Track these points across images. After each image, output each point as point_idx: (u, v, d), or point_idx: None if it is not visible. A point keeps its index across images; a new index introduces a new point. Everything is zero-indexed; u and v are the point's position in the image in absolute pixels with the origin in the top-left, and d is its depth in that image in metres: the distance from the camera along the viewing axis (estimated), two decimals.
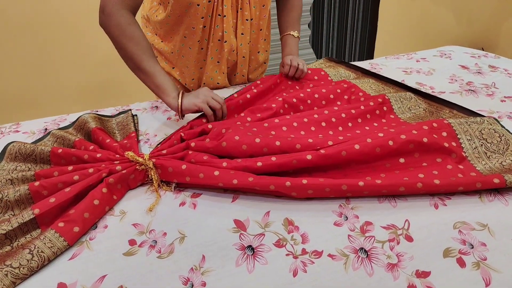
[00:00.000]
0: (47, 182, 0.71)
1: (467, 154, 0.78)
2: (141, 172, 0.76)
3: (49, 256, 0.60)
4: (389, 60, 1.41)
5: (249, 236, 0.63)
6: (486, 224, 0.63)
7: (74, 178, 0.72)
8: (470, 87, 1.12)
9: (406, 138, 0.76)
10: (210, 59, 1.15)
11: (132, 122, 0.97)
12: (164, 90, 0.93)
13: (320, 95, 1.02)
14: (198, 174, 0.72)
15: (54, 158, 0.82)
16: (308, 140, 0.79)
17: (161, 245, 0.63)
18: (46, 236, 0.61)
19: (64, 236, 0.62)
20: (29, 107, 2.19)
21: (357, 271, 0.57)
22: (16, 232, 0.64)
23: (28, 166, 0.83)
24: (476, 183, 0.68)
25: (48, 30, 2.04)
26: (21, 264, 0.57)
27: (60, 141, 0.90)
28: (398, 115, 0.96)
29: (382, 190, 0.68)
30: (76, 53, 2.15)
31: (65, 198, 0.68)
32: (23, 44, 2.03)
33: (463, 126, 0.82)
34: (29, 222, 0.65)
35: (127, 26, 0.90)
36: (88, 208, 0.67)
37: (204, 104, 0.90)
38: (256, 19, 1.14)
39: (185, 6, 1.02)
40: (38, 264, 0.59)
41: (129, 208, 0.72)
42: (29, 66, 2.10)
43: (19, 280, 0.57)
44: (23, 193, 0.70)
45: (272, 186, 0.68)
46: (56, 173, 0.75)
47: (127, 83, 2.26)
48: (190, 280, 0.57)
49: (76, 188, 0.69)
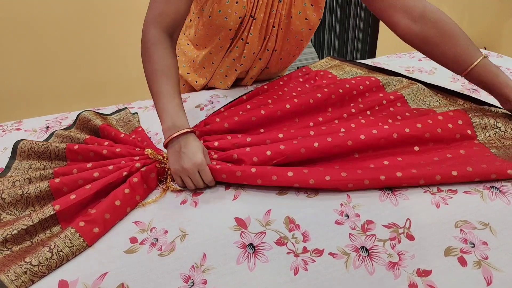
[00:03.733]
0: (67, 179, 0.71)
1: (481, 142, 0.81)
2: (161, 170, 0.76)
3: (67, 255, 0.60)
4: (391, 59, 1.41)
5: (250, 234, 0.63)
6: (488, 223, 0.63)
7: (94, 175, 0.72)
8: (472, 86, 1.12)
9: (421, 127, 0.79)
10: (219, 71, 1.16)
11: (134, 118, 0.97)
12: (162, 119, 0.78)
13: (344, 91, 1.01)
14: (221, 175, 0.72)
15: (70, 154, 0.82)
16: (322, 128, 0.83)
17: (162, 243, 0.63)
18: (66, 235, 0.61)
19: (84, 237, 0.62)
20: (31, 106, 2.19)
21: (358, 270, 0.57)
22: (36, 227, 0.64)
23: (43, 164, 0.82)
24: (491, 174, 0.70)
25: (50, 28, 2.05)
26: (40, 262, 0.58)
27: (67, 140, 0.90)
28: (412, 107, 0.97)
29: (403, 183, 0.70)
30: (77, 51, 2.15)
31: (85, 195, 0.68)
32: (25, 43, 2.03)
33: (479, 113, 0.84)
34: (50, 218, 0.65)
35: (150, 45, 0.84)
36: (109, 208, 0.66)
37: (176, 177, 0.74)
38: (279, 50, 1.12)
39: (216, 28, 1.03)
40: (56, 263, 0.59)
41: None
42: (30, 64, 2.10)
43: (37, 278, 0.57)
44: (43, 190, 0.70)
45: (296, 184, 0.70)
46: (75, 170, 0.75)
47: (128, 82, 2.27)
48: (191, 278, 0.57)
49: (97, 186, 0.69)
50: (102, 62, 2.20)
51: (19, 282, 0.55)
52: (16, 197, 0.69)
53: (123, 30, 2.14)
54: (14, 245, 0.62)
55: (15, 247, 0.62)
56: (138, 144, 0.82)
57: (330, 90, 0.98)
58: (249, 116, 0.88)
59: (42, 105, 2.21)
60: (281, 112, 0.91)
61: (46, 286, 0.56)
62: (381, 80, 1.06)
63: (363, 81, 1.04)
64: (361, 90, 1.02)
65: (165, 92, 0.79)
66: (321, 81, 1.14)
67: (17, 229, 0.62)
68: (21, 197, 0.70)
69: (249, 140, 0.79)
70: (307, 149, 0.75)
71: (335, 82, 1.04)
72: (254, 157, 0.74)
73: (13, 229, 0.62)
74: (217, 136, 0.82)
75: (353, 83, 1.02)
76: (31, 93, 2.17)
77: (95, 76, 2.25)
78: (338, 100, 0.99)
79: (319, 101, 0.96)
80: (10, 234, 0.62)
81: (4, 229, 0.63)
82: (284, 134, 0.81)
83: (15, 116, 1.63)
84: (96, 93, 2.30)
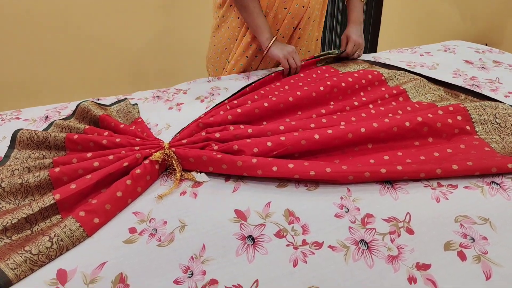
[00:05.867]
0: (67, 168, 0.71)
1: (481, 137, 0.81)
2: (163, 162, 0.75)
3: (67, 245, 0.60)
4: (393, 54, 1.40)
5: (249, 226, 0.63)
6: (488, 218, 0.63)
7: (94, 165, 0.71)
8: (474, 82, 1.12)
9: (422, 120, 0.80)
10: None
11: (134, 109, 0.96)
12: (261, 31, 1.16)
13: (346, 84, 1.01)
14: (221, 165, 0.72)
15: (70, 144, 0.81)
16: (322, 120, 0.83)
17: (161, 234, 0.63)
18: (66, 224, 0.61)
19: (84, 227, 0.62)
20: (31, 95, 2.18)
21: (357, 263, 0.57)
22: (36, 216, 0.64)
23: (42, 153, 0.82)
24: (492, 168, 0.70)
25: (50, 18, 2.03)
26: (40, 251, 0.57)
27: (67, 130, 0.89)
28: (413, 101, 0.96)
29: (403, 177, 0.70)
30: (77, 42, 2.13)
31: (86, 184, 0.68)
32: (25, 32, 2.02)
33: (478, 110, 0.85)
34: (50, 207, 0.65)
35: None
36: (110, 199, 0.66)
37: (284, 59, 1.13)
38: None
39: None
40: (56, 253, 0.59)
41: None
42: (31, 54, 2.08)
43: (36, 266, 0.57)
44: (43, 179, 0.70)
45: (297, 175, 0.70)
46: (75, 160, 0.75)
47: (128, 73, 2.26)
48: (190, 269, 0.57)
49: (97, 176, 0.69)
50: (101, 53, 2.19)
51: (18, 271, 0.55)
52: (15, 186, 0.69)
53: (125, 21, 2.12)
54: (14, 234, 0.62)
55: (15, 236, 0.62)
56: (138, 134, 0.82)
57: (333, 84, 0.98)
58: (252, 108, 0.88)
59: (42, 95, 2.20)
60: (284, 104, 0.91)
61: (45, 275, 0.56)
62: (383, 74, 1.06)
63: (366, 75, 1.04)
64: (364, 84, 1.02)
65: (258, 9, 1.15)
66: (323, 75, 1.13)
67: (17, 217, 0.62)
68: (21, 186, 0.69)
69: (250, 131, 0.79)
70: (307, 140, 0.75)
71: (338, 75, 1.04)
72: (255, 148, 0.74)
73: (13, 217, 0.62)
74: (219, 128, 0.82)
75: (356, 77, 1.02)
76: (31, 83, 2.16)
77: (94, 67, 2.23)
78: (341, 93, 0.99)
79: (321, 94, 0.96)
80: (10, 222, 0.62)
81: (4, 217, 0.62)
82: (285, 126, 0.81)
83: (15, 106, 1.62)
84: (95, 85, 2.28)
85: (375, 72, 1.06)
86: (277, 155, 0.74)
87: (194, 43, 2.21)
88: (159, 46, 2.23)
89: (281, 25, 1.23)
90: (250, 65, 1.29)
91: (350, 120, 0.84)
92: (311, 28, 1.31)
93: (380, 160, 0.75)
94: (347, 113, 0.88)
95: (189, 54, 2.26)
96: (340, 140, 0.77)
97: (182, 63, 2.31)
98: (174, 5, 2.16)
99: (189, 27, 2.24)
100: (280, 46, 1.15)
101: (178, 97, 1.09)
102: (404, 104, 0.93)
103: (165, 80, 2.27)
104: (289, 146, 0.74)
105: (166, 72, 2.32)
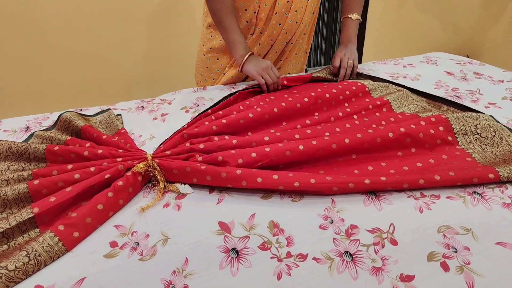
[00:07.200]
0: (47, 181, 0.69)
1: (462, 148, 0.83)
2: (146, 174, 0.74)
3: (45, 260, 0.58)
4: (376, 65, 1.42)
5: (233, 239, 0.62)
6: (470, 229, 0.63)
7: (75, 177, 0.70)
8: (455, 93, 1.14)
9: (405, 131, 0.81)
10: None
11: (117, 120, 0.95)
12: (236, 48, 1.13)
13: (330, 95, 1.01)
14: (205, 176, 0.71)
15: (50, 156, 0.79)
16: (307, 131, 0.83)
17: (143, 247, 0.61)
18: (44, 238, 0.59)
19: (63, 241, 0.60)
20: (10, 106, 2.14)
21: (341, 275, 0.56)
22: (14, 230, 0.62)
23: (21, 165, 0.80)
24: (473, 178, 0.71)
25: (30, 28, 2.00)
26: (17, 267, 0.55)
27: (47, 141, 0.87)
28: (397, 112, 0.97)
29: (387, 187, 0.70)
30: (59, 52, 2.11)
31: (66, 197, 0.66)
32: (5, 42, 1.99)
33: (460, 121, 0.86)
34: (28, 221, 0.63)
35: None
36: (91, 212, 0.64)
37: (258, 76, 1.08)
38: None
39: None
40: (34, 268, 0.57)
41: None
42: (10, 64, 2.05)
43: (12, 283, 0.55)
44: (21, 192, 0.68)
45: (281, 187, 0.69)
46: (55, 172, 0.73)
47: (111, 84, 2.24)
48: (172, 283, 0.55)
49: (78, 188, 0.67)
50: (84, 63, 2.17)
51: None
52: None
53: (111, 31, 2.11)
54: None
55: None
56: (121, 145, 0.81)
57: (317, 95, 0.98)
58: (237, 118, 0.88)
59: (23, 105, 2.16)
60: (269, 115, 0.91)
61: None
62: (367, 86, 1.07)
63: (350, 86, 1.05)
64: (348, 95, 1.03)
65: (234, 26, 1.11)
66: (308, 86, 1.14)
67: None
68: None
69: (235, 142, 0.79)
70: (292, 151, 0.75)
71: (322, 86, 1.05)
72: (239, 159, 0.73)
73: None
74: (204, 139, 0.82)
75: (340, 88, 1.03)
76: (12, 92, 2.12)
77: (76, 78, 2.20)
78: (325, 104, 0.99)
79: (306, 105, 0.96)
80: None
81: None
82: (270, 136, 0.80)
83: None
84: (78, 95, 2.25)
85: (359, 83, 1.07)
86: (262, 166, 0.74)
87: (180, 53, 2.22)
88: (144, 56, 2.23)
89: (275, 41, 1.23)
90: (241, 76, 1.29)
91: (334, 131, 0.84)
92: (301, 41, 1.32)
93: (364, 170, 0.75)
94: (331, 124, 0.88)
95: (176, 64, 2.26)
96: (325, 151, 0.77)
97: (168, 73, 2.30)
98: (160, 16, 2.16)
99: (177, 37, 2.24)
100: (255, 62, 1.11)
101: (163, 107, 1.08)
102: (387, 115, 0.94)
103: (150, 90, 2.26)
104: (273, 157, 0.74)
105: (151, 82, 2.31)
